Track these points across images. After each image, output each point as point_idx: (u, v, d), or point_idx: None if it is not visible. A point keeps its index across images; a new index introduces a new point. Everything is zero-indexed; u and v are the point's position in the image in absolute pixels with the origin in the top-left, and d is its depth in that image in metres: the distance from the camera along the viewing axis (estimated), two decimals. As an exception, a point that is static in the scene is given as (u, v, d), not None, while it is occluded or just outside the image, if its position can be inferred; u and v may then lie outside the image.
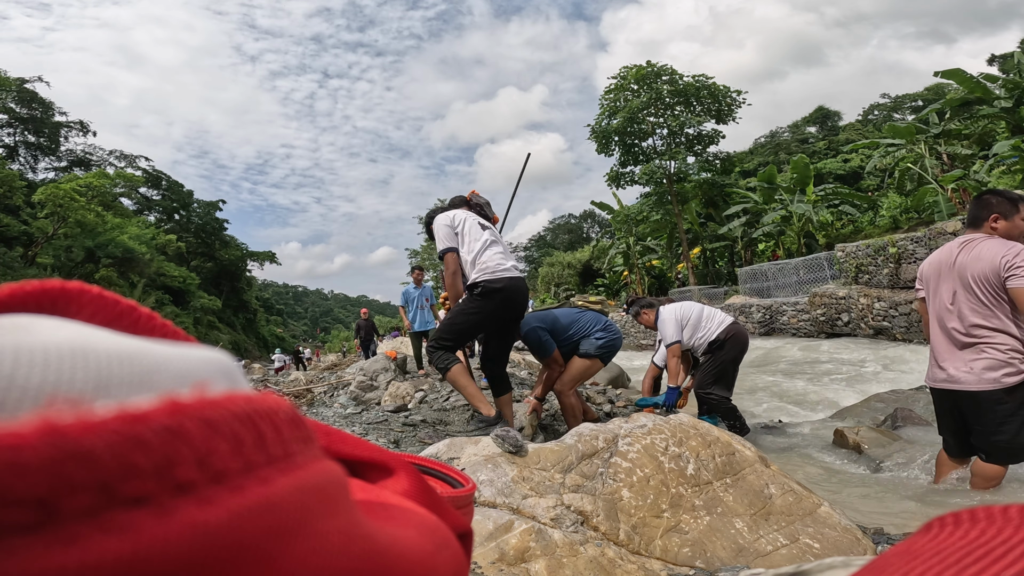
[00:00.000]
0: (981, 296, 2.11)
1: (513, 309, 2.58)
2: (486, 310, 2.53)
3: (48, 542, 0.08)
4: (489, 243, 2.56)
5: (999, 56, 32.84)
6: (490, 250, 2.55)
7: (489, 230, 2.64)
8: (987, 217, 2.17)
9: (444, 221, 2.61)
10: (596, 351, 3.00)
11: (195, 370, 0.12)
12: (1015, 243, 2.11)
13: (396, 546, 0.13)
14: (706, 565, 1.35)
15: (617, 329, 3.12)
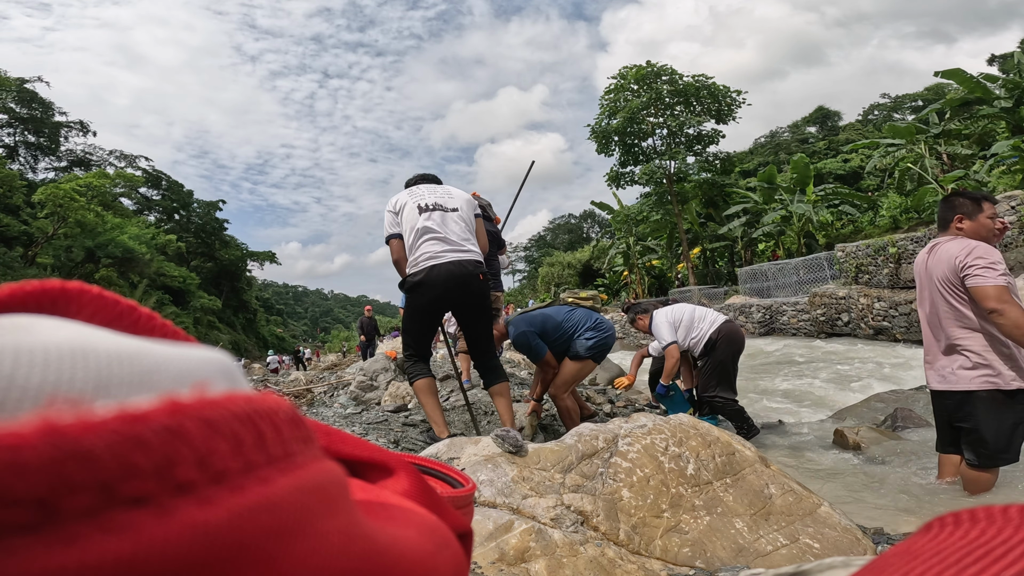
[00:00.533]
0: (949, 298, 2.12)
1: (446, 299, 2.36)
2: (416, 305, 2.40)
3: (48, 542, 0.08)
4: (422, 229, 2.34)
5: (999, 56, 32.85)
6: (422, 237, 2.34)
7: (429, 212, 2.38)
8: (951, 218, 2.18)
9: (387, 206, 2.45)
10: (586, 352, 2.91)
11: (195, 370, 0.12)
12: (970, 242, 2.09)
13: (396, 546, 0.13)
14: (706, 565, 1.35)
15: (609, 326, 3.01)
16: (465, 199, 2.53)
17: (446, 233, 2.36)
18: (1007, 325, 1.95)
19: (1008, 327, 1.95)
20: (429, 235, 2.34)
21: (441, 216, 2.38)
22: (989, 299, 1.97)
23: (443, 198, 2.44)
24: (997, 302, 1.95)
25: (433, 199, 2.42)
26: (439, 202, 2.41)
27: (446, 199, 2.45)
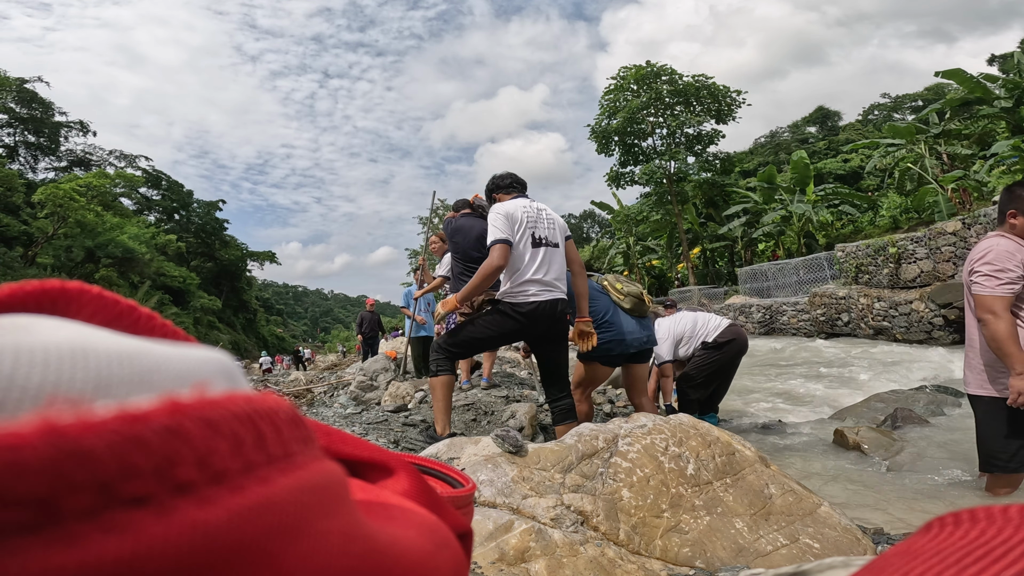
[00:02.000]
0: (967, 299, 2.09)
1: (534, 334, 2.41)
2: (504, 328, 2.39)
3: (48, 542, 0.08)
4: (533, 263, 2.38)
5: (999, 56, 32.85)
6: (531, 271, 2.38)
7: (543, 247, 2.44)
8: (1004, 212, 2.01)
9: (497, 210, 2.43)
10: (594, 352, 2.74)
11: (195, 370, 0.12)
12: (994, 242, 1.97)
13: (396, 546, 0.13)
14: (706, 565, 1.35)
15: (625, 328, 2.71)
16: (562, 227, 2.59)
17: (550, 271, 2.42)
18: (986, 336, 1.94)
19: (987, 339, 1.94)
20: (538, 271, 2.38)
21: (550, 253, 2.44)
22: (979, 308, 1.96)
23: (551, 231, 2.50)
24: (984, 311, 1.93)
25: (545, 231, 2.46)
26: (549, 236, 2.47)
27: (552, 232, 2.49)
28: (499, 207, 2.46)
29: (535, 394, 3.96)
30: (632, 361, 2.82)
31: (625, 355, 2.74)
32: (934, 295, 8.26)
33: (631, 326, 2.70)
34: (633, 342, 2.67)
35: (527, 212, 2.46)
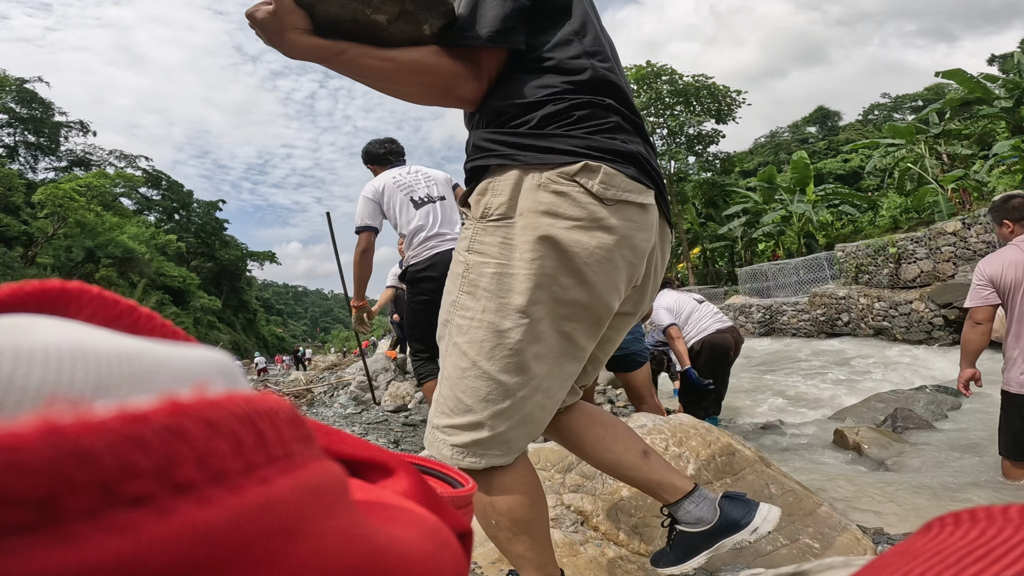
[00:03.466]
0: None
1: None
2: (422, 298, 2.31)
3: (48, 542, 0.08)
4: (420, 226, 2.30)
5: (999, 56, 32.86)
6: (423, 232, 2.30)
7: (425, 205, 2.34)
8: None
9: (366, 192, 2.39)
10: None
11: (195, 370, 0.12)
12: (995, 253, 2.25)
13: (396, 546, 0.13)
14: (706, 565, 1.35)
15: None
16: (445, 179, 2.52)
17: (440, 223, 2.35)
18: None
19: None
20: (429, 228, 2.33)
21: (435, 207, 2.38)
22: None
23: (431, 187, 2.42)
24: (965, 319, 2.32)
25: (424, 191, 2.40)
26: (430, 193, 2.40)
27: (433, 188, 2.43)
28: (366, 188, 2.43)
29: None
30: (615, 370, 2.70)
31: None
32: (934, 295, 8.26)
33: None
34: None
35: (398, 180, 2.41)
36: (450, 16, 0.79)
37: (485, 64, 0.82)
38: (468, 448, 0.84)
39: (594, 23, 0.89)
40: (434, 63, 0.78)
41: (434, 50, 0.79)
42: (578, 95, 0.80)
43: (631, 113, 0.85)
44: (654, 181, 0.84)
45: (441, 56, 0.79)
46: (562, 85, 0.80)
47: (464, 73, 0.80)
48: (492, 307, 0.79)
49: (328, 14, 0.74)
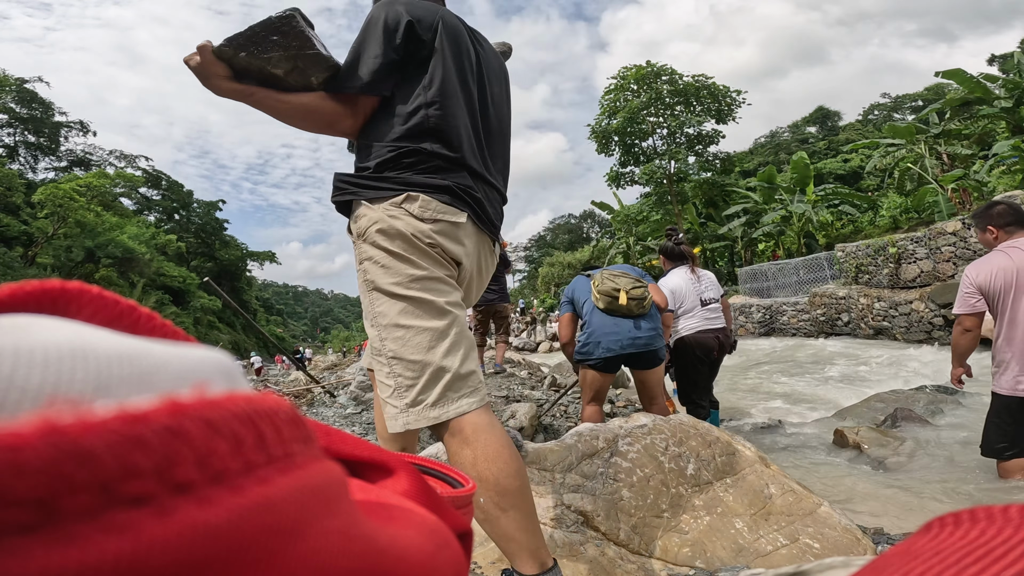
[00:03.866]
0: None
1: None
2: None
3: (48, 542, 0.08)
4: None
5: (999, 56, 32.85)
6: None
7: None
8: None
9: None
10: (576, 356, 2.59)
11: (195, 370, 0.12)
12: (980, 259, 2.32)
13: (396, 546, 0.13)
14: (706, 565, 1.35)
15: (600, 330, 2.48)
16: None
17: None
18: None
19: None
20: None
21: None
22: None
23: None
24: None
25: None
26: None
27: None
28: None
29: (535, 394, 3.96)
30: (634, 366, 2.58)
31: (616, 360, 2.51)
32: (934, 295, 8.26)
33: (608, 327, 2.48)
34: (611, 344, 2.44)
35: None
36: (334, 69, 1.04)
37: (361, 106, 1.07)
38: (443, 398, 0.97)
39: (452, 74, 1.11)
40: (319, 105, 1.04)
41: (321, 95, 1.04)
42: (408, 142, 1.05)
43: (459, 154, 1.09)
44: (469, 205, 1.08)
45: (326, 100, 1.04)
46: (400, 131, 1.06)
47: (344, 112, 1.06)
48: (388, 291, 1.01)
49: (240, 66, 0.99)
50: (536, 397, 3.83)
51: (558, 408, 3.51)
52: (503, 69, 1.30)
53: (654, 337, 2.52)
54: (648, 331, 2.51)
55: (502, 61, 1.32)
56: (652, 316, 2.57)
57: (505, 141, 1.27)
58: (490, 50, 1.26)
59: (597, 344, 2.49)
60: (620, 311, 2.49)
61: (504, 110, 1.27)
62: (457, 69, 1.12)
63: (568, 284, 2.78)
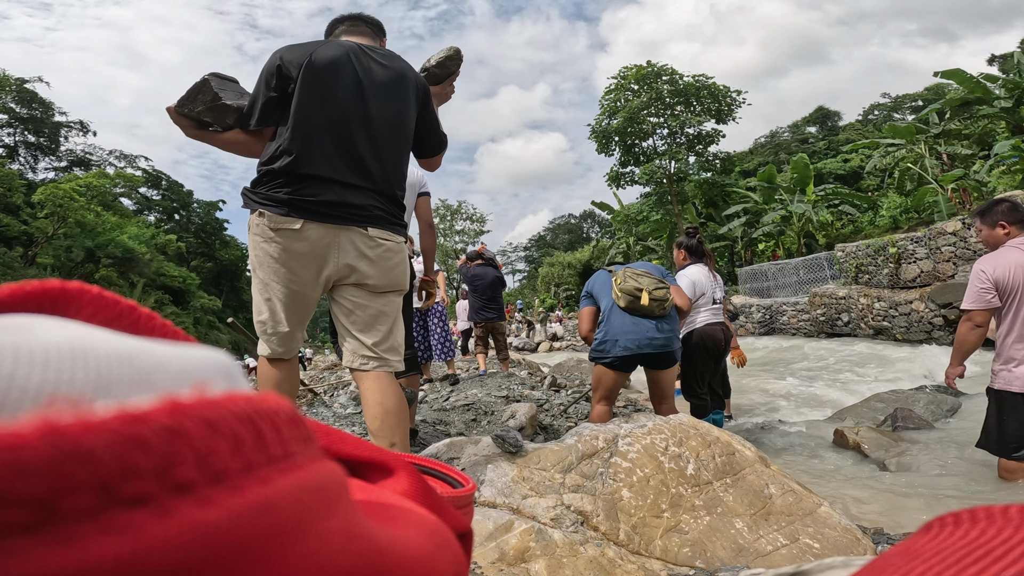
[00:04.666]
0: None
1: None
2: None
3: (48, 542, 0.08)
4: None
5: (999, 56, 32.85)
6: None
7: None
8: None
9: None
10: (592, 354, 2.58)
11: (195, 370, 0.12)
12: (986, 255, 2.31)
13: (396, 546, 0.13)
14: (706, 565, 1.35)
15: (619, 328, 2.46)
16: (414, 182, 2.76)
17: None
18: None
19: None
20: None
21: None
22: None
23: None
24: None
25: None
26: None
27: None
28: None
29: (535, 394, 3.96)
30: (649, 366, 2.57)
31: (632, 360, 2.49)
32: (934, 295, 8.25)
33: (627, 326, 2.47)
34: (629, 344, 2.43)
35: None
36: (239, 113, 1.42)
37: (263, 135, 1.47)
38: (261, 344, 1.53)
39: (309, 100, 1.41)
40: (238, 139, 1.47)
41: (237, 131, 1.46)
42: (266, 165, 1.39)
43: (306, 170, 1.38)
44: (310, 212, 1.38)
45: (240, 134, 1.46)
46: (266, 155, 1.41)
47: (254, 142, 1.47)
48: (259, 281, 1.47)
49: (192, 118, 1.45)
50: (536, 397, 3.83)
51: (558, 408, 3.51)
52: (396, 82, 1.53)
53: (671, 338, 2.51)
54: (667, 332, 2.49)
55: (397, 75, 1.54)
56: (671, 317, 2.56)
57: (392, 144, 1.51)
58: (380, 70, 1.50)
59: (615, 343, 2.47)
60: (641, 311, 2.47)
61: (390, 118, 1.50)
62: (319, 96, 1.42)
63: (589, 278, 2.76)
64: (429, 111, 1.62)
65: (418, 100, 1.58)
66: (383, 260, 1.47)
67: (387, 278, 1.50)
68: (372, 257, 1.46)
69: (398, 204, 1.54)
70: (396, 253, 1.51)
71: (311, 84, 1.41)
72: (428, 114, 1.62)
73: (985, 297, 2.22)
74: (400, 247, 1.53)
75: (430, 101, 1.62)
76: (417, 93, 1.58)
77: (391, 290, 1.52)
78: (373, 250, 1.45)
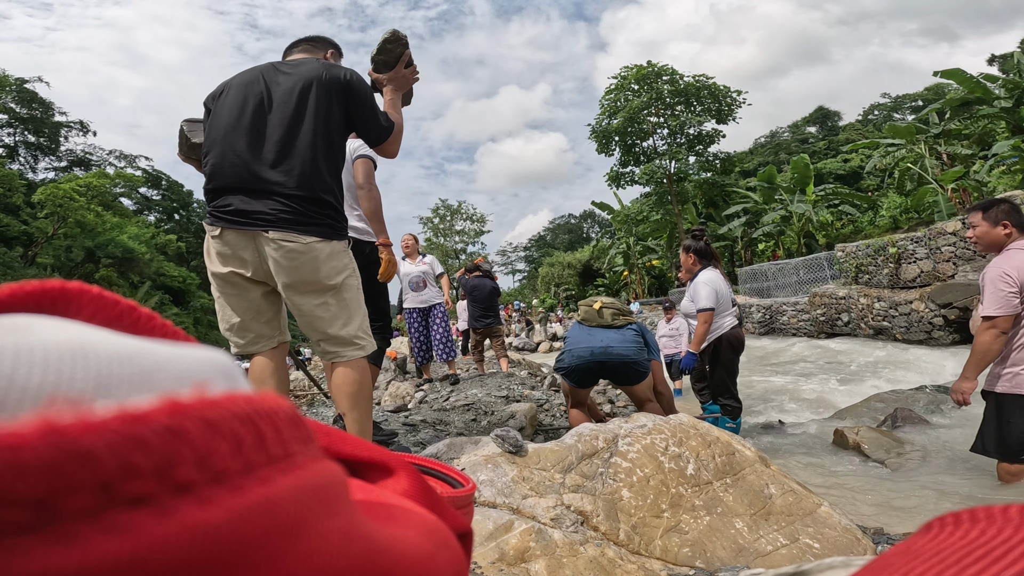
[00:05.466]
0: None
1: None
2: None
3: (48, 542, 0.08)
4: None
5: (999, 56, 32.84)
6: None
7: None
8: None
9: None
10: (555, 366, 2.67)
11: (195, 370, 0.12)
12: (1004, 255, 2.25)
13: (396, 546, 0.13)
14: (706, 565, 1.35)
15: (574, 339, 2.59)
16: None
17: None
18: None
19: None
20: None
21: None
22: None
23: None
24: None
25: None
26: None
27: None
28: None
29: (535, 394, 3.96)
30: (615, 381, 2.65)
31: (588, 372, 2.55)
32: (934, 295, 8.25)
33: (580, 337, 2.57)
34: (582, 352, 2.51)
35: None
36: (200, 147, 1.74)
37: None
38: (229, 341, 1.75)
39: (219, 121, 1.61)
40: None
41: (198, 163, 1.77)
42: (206, 181, 1.63)
43: (217, 183, 1.58)
44: (224, 220, 1.55)
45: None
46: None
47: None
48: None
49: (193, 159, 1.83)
50: (536, 397, 3.83)
51: (558, 408, 3.51)
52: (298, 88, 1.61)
53: (631, 350, 2.52)
54: (621, 342, 2.53)
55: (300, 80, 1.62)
56: (627, 333, 2.59)
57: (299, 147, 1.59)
58: (285, 80, 1.62)
59: (570, 352, 2.58)
60: (594, 320, 2.60)
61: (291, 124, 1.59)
62: (228, 116, 1.60)
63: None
64: (356, 103, 1.66)
65: (335, 97, 1.63)
66: (288, 260, 1.54)
67: (294, 276, 1.56)
68: (277, 258, 1.55)
69: (316, 203, 1.58)
70: (301, 253, 1.55)
71: (218, 109, 1.63)
72: (355, 106, 1.66)
73: (1012, 301, 2.14)
74: (307, 247, 1.55)
75: (354, 93, 1.66)
76: (330, 91, 1.62)
77: (309, 289, 1.59)
78: (276, 251, 1.54)
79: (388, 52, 1.83)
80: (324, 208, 1.59)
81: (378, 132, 1.72)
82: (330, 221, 1.61)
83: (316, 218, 1.57)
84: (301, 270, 1.55)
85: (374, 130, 1.71)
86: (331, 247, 1.59)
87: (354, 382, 1.62)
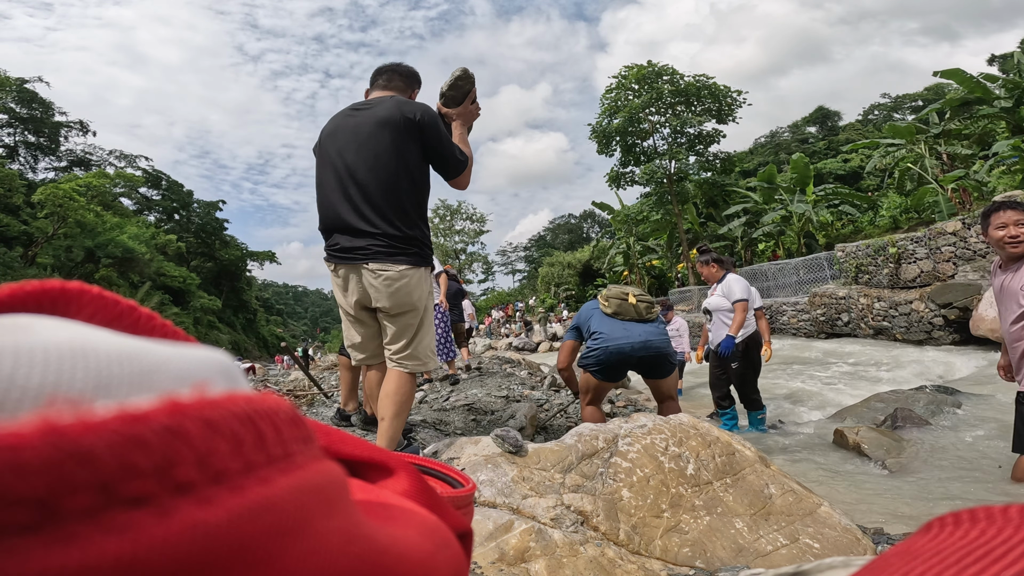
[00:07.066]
0: None
1: None
2: None
3: (48, 542, 0.08)
4: None
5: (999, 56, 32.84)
6: None
7: None
8: None
9: None
10: (579, 361, 2.63)
11: (195, 370, 0.12)
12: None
13: (396, 546, 0.13)
14: (706, 565, 1.35)
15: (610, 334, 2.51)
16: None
17: None
18: None
19: None
20: None
21: None
22: None
23: None
24: None
25: None
26: None
27: None
28: None
29: (535, 394, 3.96)
30: (646, 375, 2.60)
31: (620, 367, 2.51)
32: (934, 295, 8.25)
33: (617, 331, 2.50)
34: (622, 345, 2.45)
35: None
36: None
37: None
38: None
39: (321, 168, 1.86)
40: None
41: None
42: (319, 223, 1.89)
43: (325, 226, 1.86)
44: (335, 258, 1.83)
45: None
46: None
47: None
48: None
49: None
50: (536, 397, 3.83)
51: (557, 408, 3.51)
52: (374, 130, 1.75)
53: (665, 342, 2.55)
54: (658, 335, 2.53)
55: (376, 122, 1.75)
56: (661, 325, 2.64)
57: (381, 186, 1.75)
58: (364, 124, 1.76)
59: (604, 347, 2.50)
60: (628, 313, 2.56)
61: (372, 164, 1.74)
62: (324, 163, 1.83)
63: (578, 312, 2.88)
64: (430, 138, 1.78)
65: (408, 134, 1.75)
66: (385, 287, 1.77)
67: (391, 301, 1.79)
68: (376, 286, 1.77)
69: (400, 237, 1.77)
70: (396, 280, 1.76)
71: (318, 157, 1.87)
72: (430, 141, 1.78)
73: None
74: (399, 274, 1.76)
75: (428, 129, 1.77)
76: (405, 129, 1.75)
77: (400, 311, 1.81)
78: (376, 280, 1.76)
79: (458, 88, 1.88)
80: (411, 242, 1.79)
81: (454, 165, 1.84)
82: (416, 250, 1.81)
83: (404, 248, 1.78)
84: (396, 295, 1.77)
85: (447, 163, 1.83)
86: (419, 274, 1.81)
87: (404, 392, 1.81)
